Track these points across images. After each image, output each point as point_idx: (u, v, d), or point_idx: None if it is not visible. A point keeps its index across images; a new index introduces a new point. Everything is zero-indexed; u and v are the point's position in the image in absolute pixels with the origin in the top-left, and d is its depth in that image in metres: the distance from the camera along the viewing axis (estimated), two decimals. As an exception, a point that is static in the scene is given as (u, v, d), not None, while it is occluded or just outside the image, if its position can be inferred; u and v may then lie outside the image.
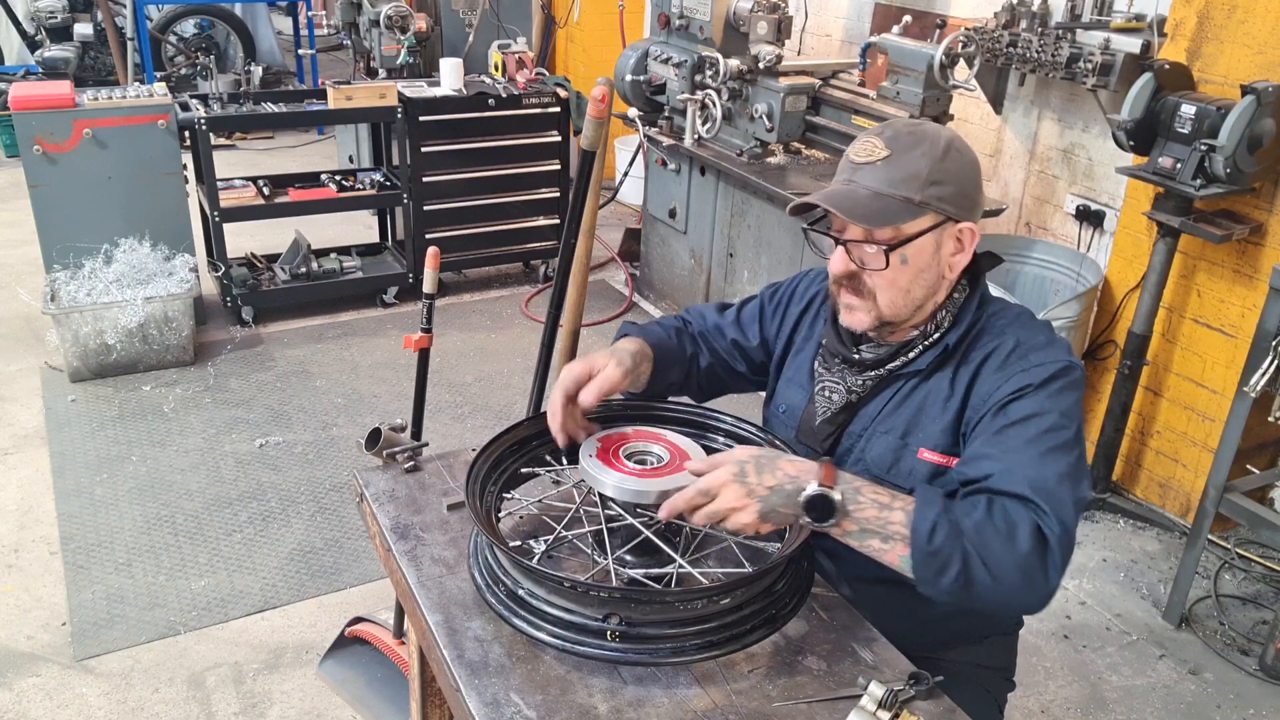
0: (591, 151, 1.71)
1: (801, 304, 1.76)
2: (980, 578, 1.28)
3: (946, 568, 1.28)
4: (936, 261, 1.49)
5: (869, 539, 1.32)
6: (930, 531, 1.28)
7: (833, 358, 1.63)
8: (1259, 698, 2.81)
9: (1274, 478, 3.27)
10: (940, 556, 1.28)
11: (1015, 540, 1.28)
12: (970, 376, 1.50)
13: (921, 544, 1.28)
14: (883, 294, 1.49)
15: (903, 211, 1.44)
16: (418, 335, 1.99)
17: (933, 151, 1.45)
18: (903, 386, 1.55)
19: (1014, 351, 1.48)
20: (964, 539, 1.28)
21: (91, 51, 7.43)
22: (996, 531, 1.29)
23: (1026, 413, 1.40)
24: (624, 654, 1.28)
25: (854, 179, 1.47)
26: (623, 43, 5.52)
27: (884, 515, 1.32)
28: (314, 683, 2.66)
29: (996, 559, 1.27)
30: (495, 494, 1.52)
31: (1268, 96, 2.89)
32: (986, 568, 1.27)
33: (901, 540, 1.30)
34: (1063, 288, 3.78)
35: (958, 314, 1.54)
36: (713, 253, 4.54)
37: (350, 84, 4.78)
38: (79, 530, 3.23)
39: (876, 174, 1.45)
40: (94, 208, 4.22)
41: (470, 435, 3.87)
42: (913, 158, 1.44)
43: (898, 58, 3.60)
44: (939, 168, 1.44)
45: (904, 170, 1.44)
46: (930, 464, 1.50)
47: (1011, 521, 1.29)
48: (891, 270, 1.47)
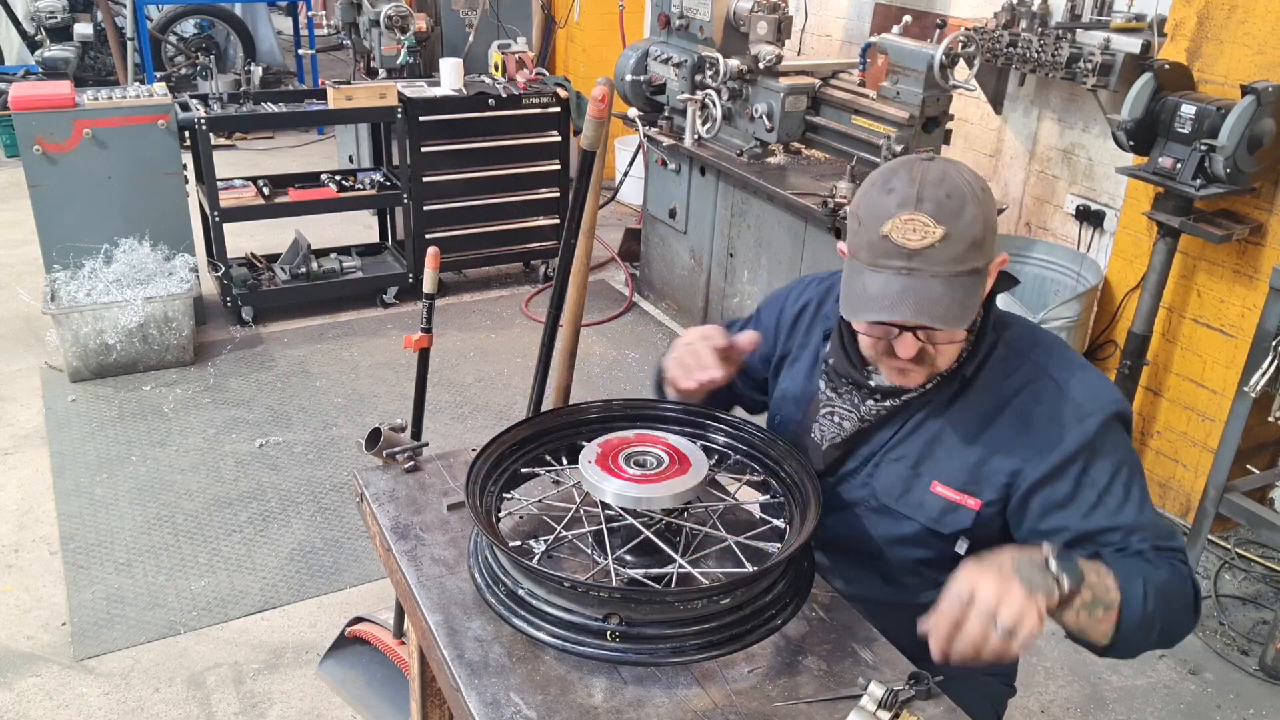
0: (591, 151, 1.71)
1: (796, 309, 1.72)
2: (1170, 633, 1.38)
3: (1150, 632, 1.35)
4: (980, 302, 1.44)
5: (1097, 608, 1.30)
6: (1144, 598, 1.32)
7: (840, 379, 1.58)
8: (1259, 698, 2.81)
9: (1274, 478, 3.27)
10: (1150, 621, 1.33)
11: (1187, 596, 1.39)
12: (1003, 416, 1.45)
13: (1137, 611, 1.32)
14: (944, 353, 1.44)
15: (976, 284, 1.37)
16: (418, 335, 1.99)
17: (978, 209, 1.35)
18: (915, 415, 1.51)
19: (1061, 398, 1.43)
20: (1165, 601, 1.34)
21: (91, 51, 7.43)
22: (1176, 586, 1.37)
23: (1109, 476, 1.41)
24: (624, 654, 1.28)
25: (914, 266, 1.33)
26: (623, 43, 5.52)
27: (1103, 580, 1.31)
28: (314, 683, 2.66)
29: (1180, 617, 1.39)
30: (495, 494, 1.52)
31: (1268, 96, 2.89)
32: (1176, 625, 1.39)
33: (1116, 607, 1.32)
34: (1063, 288, 3.78)
35: (975, 341, 1.49)
36: (713, 253, 4.54)
37: (350, 84, 4.78)
38: (79, 530, 3.23)
39: (939, 255, 1.32)
40: (94, 208, 4.22)
41: (470, 435, 3.87)
42: (966, 225, 1.33)
43: (898, 58, 3.60)
44: (987, 224, 1.36)
45: (964, 242, 1.33)
46: (943, 499, 1.47)
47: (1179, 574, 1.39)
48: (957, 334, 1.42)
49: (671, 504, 1.41)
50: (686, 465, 1.46)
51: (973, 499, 1.46)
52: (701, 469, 1.45)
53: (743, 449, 1.63)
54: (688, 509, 1.50)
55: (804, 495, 1.48)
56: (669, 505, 1.41)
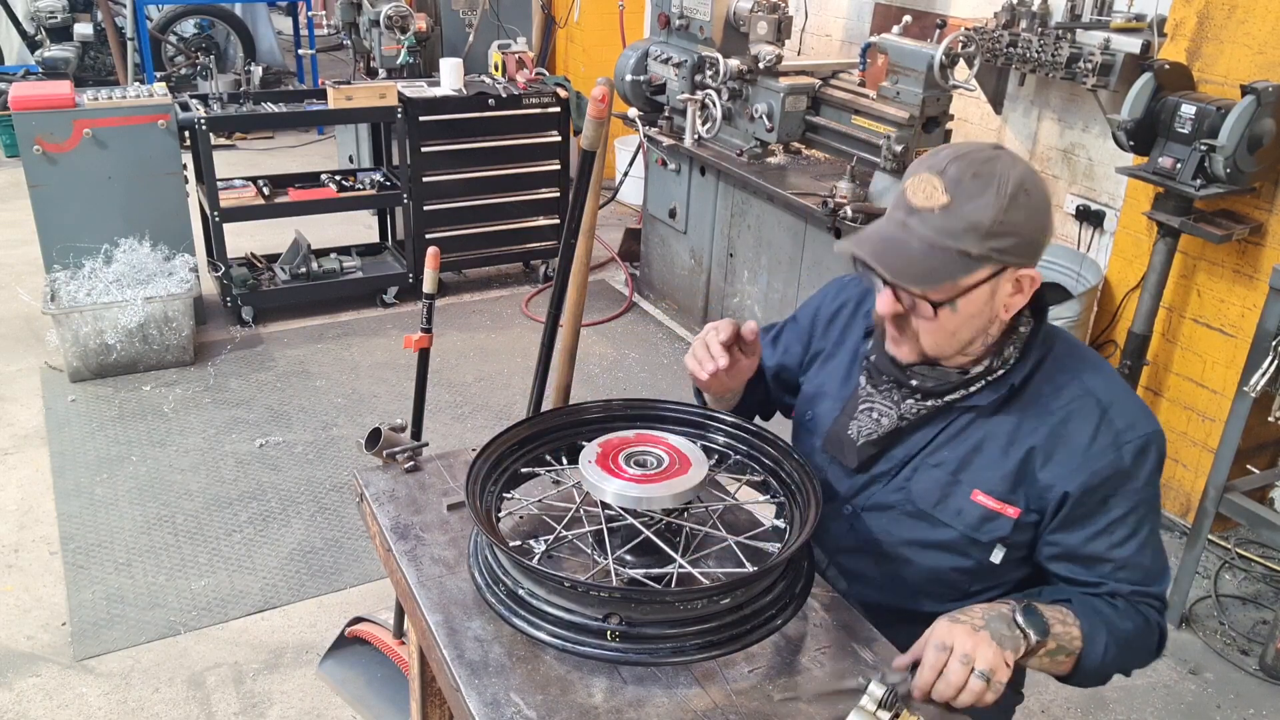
0: (591, 151, 1.70)
1: (834, 307, 1.72)
2: (1127, 671, 1.50)
3: (1106, 675, 1.45)
4: (990, 307, 1.40)
5: (1059, 655, 1.38)
6: (1104, 650, 1.41)
7: (881, 376, 1.55)
8: (1259, 698, 2.81)
9: (1274, 478, 3.27)
10: (1106, 668, 1.43)
11: (1150, 642, 1.48)
12: (1046, 433, 1.44)
13: (1095, 661, 1.41)
14: (926, 337, 1.43)
15: (957, 268, 1.34)
16: (418, 335, 1.98)
17: (999, 200, 1.31)
18: (957, 419, 1.49)
19: (1101, 424, 1.42)
20: (1125, 650, 1.43)
21: (91, 51, 7.43)
22: (1140, 636, 1.45)
23: (1125, 508, 1.43)
24: (624, 654, 1.28)
25: (908, 223, 1.35)
26: (623, 43, 5.52)
27: (1067, 630, 1.39)
28: (314, 683, 2.66)
29: (1139, 659, 1.50)
30: (495, 494, 1.52)
31: (1268, 96, 2.89)
32: (1134, 664, 1.50)
33: (1077, 653, 1.40)
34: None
35: (1023, 349, 1.47)
36: (713, 253, 4.54)
37: (350, 84, 4.78)
38: (79, 530, 3.23)
39: (932, 223, 1.33)
40: (94, 208, 4.22)
41: (470, 435, 3.87)
42: (975, 207, 1.31)
43: (898, 58, 3.60)
44: (1003, 219, 1.31)
45: (962, 221, 1.31)
46: (983, 508, 1.47)
47: (1148, 624, 1.46)
48: (940, 319, 1.40)
49: (671, 504, 1.41)
50: (686, 465, 1.46)
51: (1011, 508, 1.45)
52: (701, 469, 1.45)
53: (743, 449, 1.63)
54: (688, 509, 1.50)
55: (804, 495, 1.48)
56: (669, 505, 1.41)
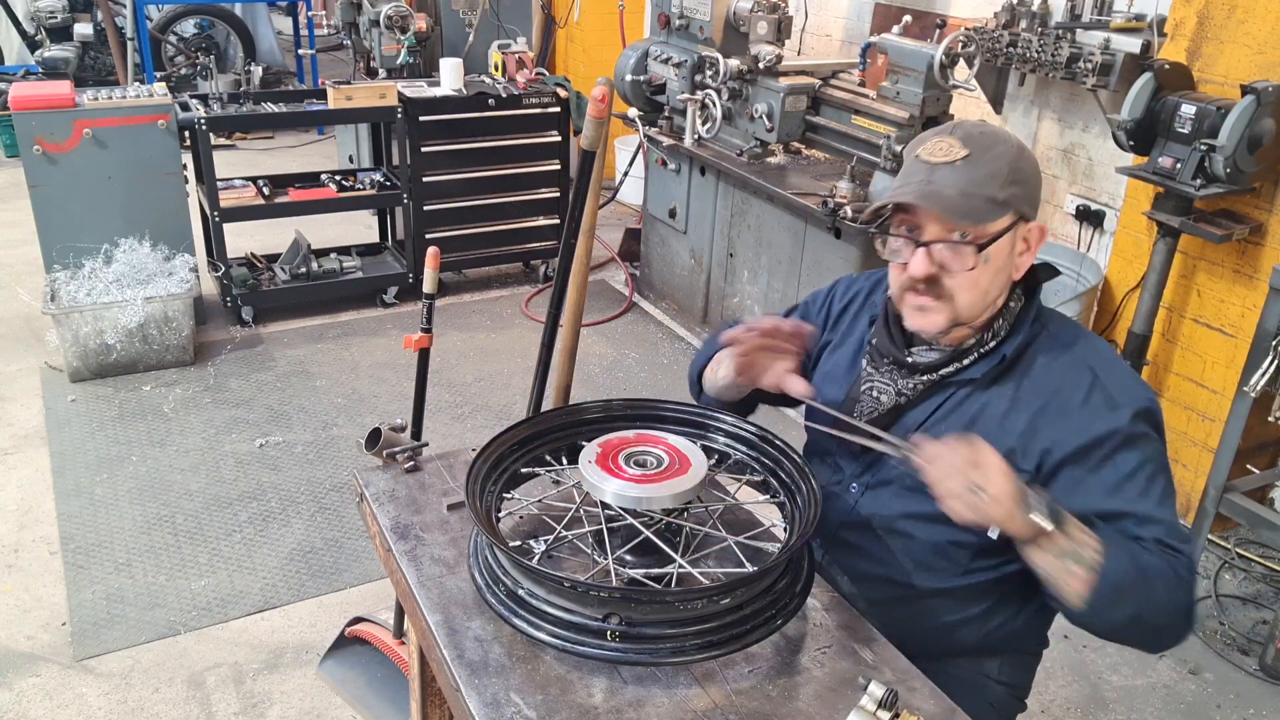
0: (591, 151, 1.70)
1: (844, 302, 1.75)
2: (1149, 621, 1.36)
3: (1122, 605, 1.34)
4: (1009, 262, 1.48)
5: (1069, 560, 1.33)
6: (1123, 569, 1.33)
7: (882, 358, 1.60)
8: (1259, 698, 2.81)
9: (1274, 478, 3.27)
10: (1123, 593, 1.33)
11: (1176, 594, 1.36)
12: (1041, 403, 1.47)
13: (1113, 576, 1.32)
14: (963, 295, 1.47)
15: (990, 211, 1.42)
16: (418, 335, 1.98)
17: (1008, 151, 1.44)
18: (954, 394, 1.53)
19: (1095, 387, 1.46)
20: (1146, 582, 1.33)
21: (91, 51, 7.43)
22: (1165, 582, 1.35)
23: (1136, 463, 1.42)
24: (624, 654, 1.28)
25: (933, 178, 1.43)
26: (623, 43, 5.52)
27: (1086, 538, 1.34)
28: (314, 683, 2.66)
29: (1162, 608, 1.35)
30: (495, 494, 1.52)
31: (1268, 96, 2.89)
32: (1156, 614, 1.35)
33: (1095, 570, 1.33)
34: (1063, 288, 3.78)
35: (1014, 323, 1.52)
36: (713, 253, 4.54)
37: (350, 84, 4.78)
38: (79, 530, 3.23)
39: (959, 173, 1.42)
40: (94, 208, 4.22)
41: (470, 435, 3.87)
42: (993, 156, 1.43)
43: (898, 58, 3.60)
44: (1016, 167, 1.43)
45: (987, 169, 1.42)
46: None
47: (1175, 572, 1.36)
48: (975, 271, 1.45)
49: (671, 504, 1.41)
50: (686, 465, 1.46)
51: None
52: (701, 469, 1.45)
53: (743, 449, 1.63)
54: (688, 509, 1.50)
55: (804, 495, 1.48)
56: (669, 505, 1.41)
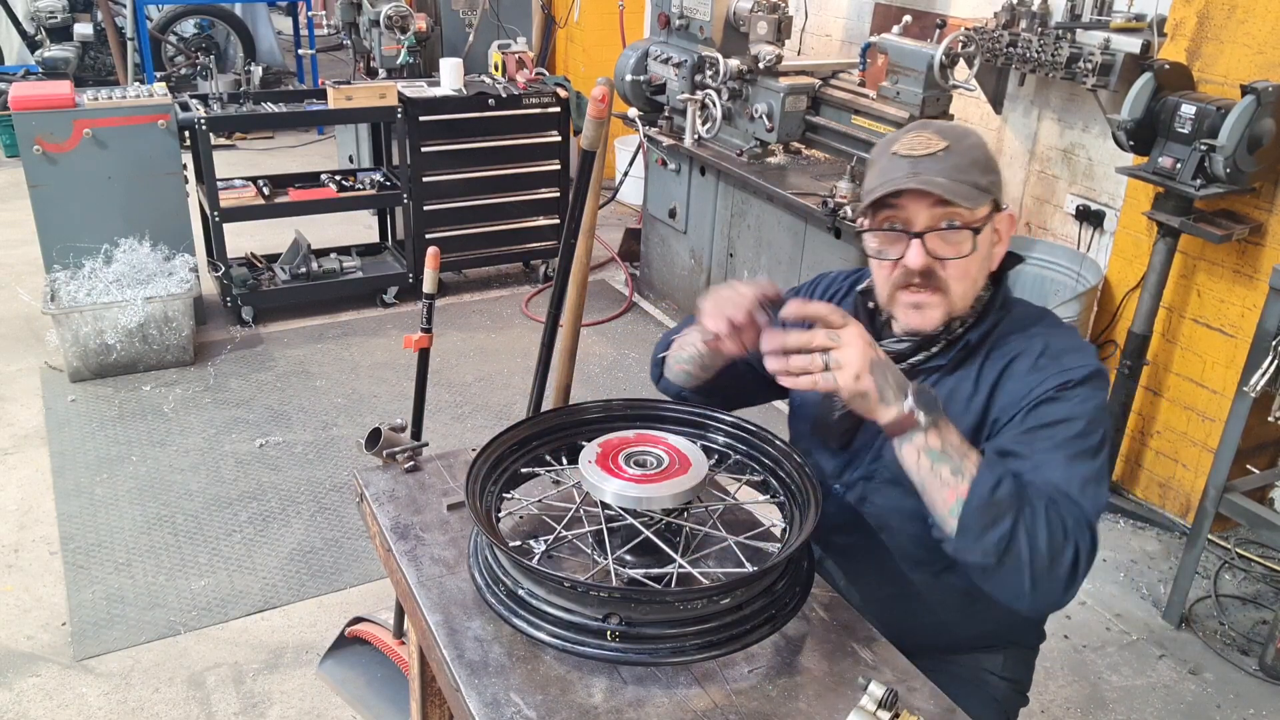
0: (591, 151, 1.70)
1: (824, 299, 1.75)
2: (1017, 553, 1.29)
3: (995, 525, 1.29)
4: (989, 252, 1.50)
5: (942, 464, 1.32)
6: (996, 483, 1.30)
7: None
8: (1259, 698, 2.81)
9: (1274, 478, 3.27)
10: (995, 511, 1.29)
11: (1063, 549, 1.30)
12: (996, 375, 1.49)
13: (984, 490, 1.29)
14: (957, 285, 1.48)
15: (977, 196, 1.45)
16: (418, 335, 1.98)
17: (981, 142, 1.49)
18: (924, 380, 1.54)
19: (1044, 353, 1.47)
20: (1024, 506, 1.29)
21: (91, 51, 7.43)
22: (1049, 524, 1.30)
23: (1057, 416, 1.40)
24: (624, 654, 1.28)
25: (918, 170, 1.44)
26: (623, 43, 5.52)
27: (964, 449, 1.33)
28: (314, 683, 2.66)
29: (1039, 548, 1.29)
30: (495, 494, 1.52)
31: (1268, 96, 2.89)
32: (1028, 548, 1.28)
33: (967, 480, 1.30)
34: (1063, 288, 3.78)
35: (981, 311, 1.54)
36: (713, 253, 4.54)
37: (350, 84, 4.78)
38: (79, 530, 3.23)
39: (942, 163, 1.44)
40: (94, 208, 4.22)
41: (470, 435, 3.87)
42: (969, 145, 1.46)
43: (898, 58, 3.60)
44: (990, 156, 1.48)
45: (967, 157, 1.45)
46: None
47: (1063, 524, 1.31)
48: (965, 260, 1.46)
49: (671, 504, 1.41)
50: (686, 465, 1.46)
51: None
52: (701, 469, 1.45)
53: (743, 449, 1.63)
54: (688, 509, 1.50)
55: (804, 495, 1.48)
56: (669, 505, 1.41)
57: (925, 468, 1.33)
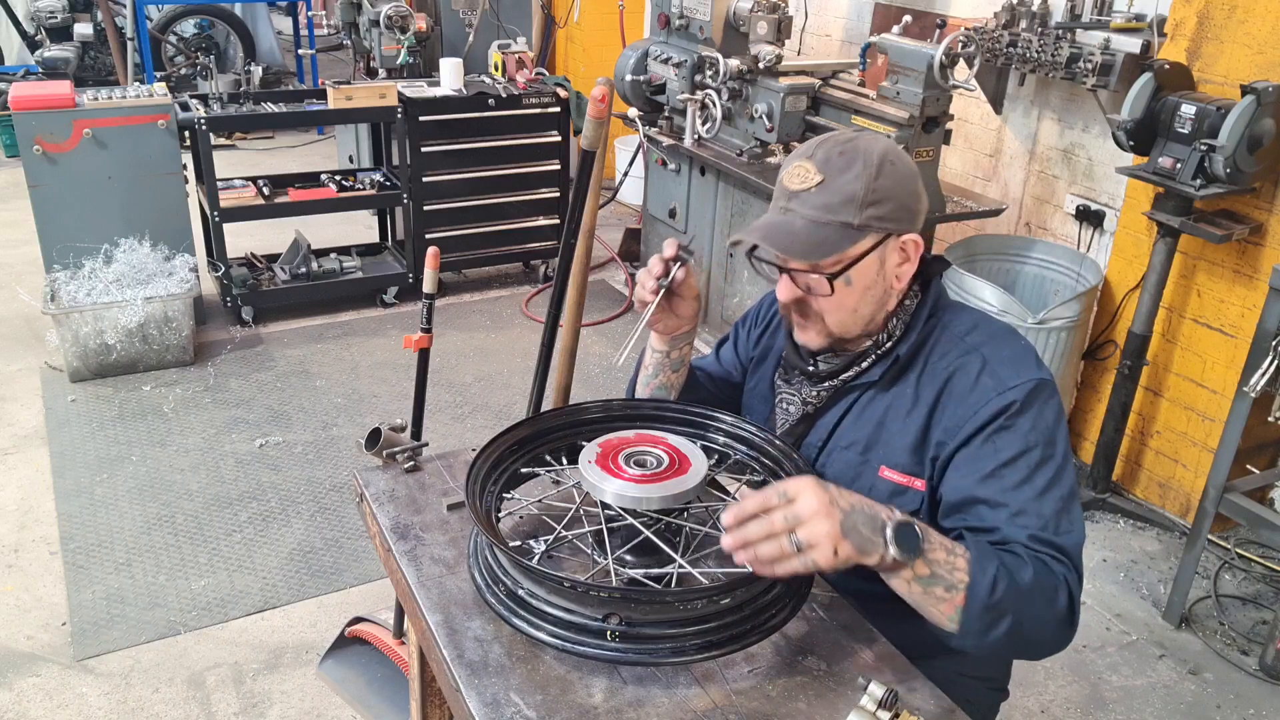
0: (591, 151, 1.70)
1: (766, 319, 1.78)
2: (1028, 635, 1.31)
3: (998, 624, 1.28)
4: (882, 277, 1.47)
5: (935, 586, 1.27)
6: (992, 586, 1.27)
7: (791, 370, 1.63)
8: (1259, 698, 2.81)
9: (1274, 478, 3.27)
10: (997, 611, 1.28)
11: (1055, 599, 1.31)
12: (936, 394, 1.47)
13: (983, 596, 1.26)
14: (830, 316, 1.48)
15: (842, 239, 1.41)
16: (418, 335, 1.98)
17: (866, 171, 1.41)
18: (859, 398, 1.54)
19: (982, 372, 1.44)
20: (1019, 596, 1.28)
21: (91, 51, 7.42)
22: (1042, 591, 1.30)
23: (1014, 451, 1.38)
24: (624, 654, 1.28)
25: (790, 207, 1.43)
26: (623, 43, 5.52)
27: (951, 560, 1.28)
28: (314, 683, 2.66)
29: (1040, 617, 1.31)
30: (495, 494, 1.52)
31: (1268, 96, 2.89)
32: (1034, 626, 1.30)
33: (962, 590, 1.27)
34: (1063, 288, 3.78)
35: (910, 322, 1.52)
36: (713, 253, 4.54)
37: (350, 84, 4.78)
38: (79, 530, 3.23)
39: (811, 201, 1.42)
40: (94, 208, 4.22)
41: (470, 435, 3.87)
42: (846, 180, 1.41)
43: (898, 58, 3.60)
44: (874, 187, 1.41)
45: (839, 194, 1.41)
46: (891, 483, 1.49)
47: (1052, 581, 1.31)
48: (837, 294, 1.45)
49: (671, 504, 1.41)
50: (686, 465, 1.46)
51: (919, 480, 1.48)
52: (701, 469, 1.45)
53: (742, 449, 1.63)
54: (688, 509, 1.50)
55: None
56: (669, 505, 1.41)
57: (918, 593, 1.29)
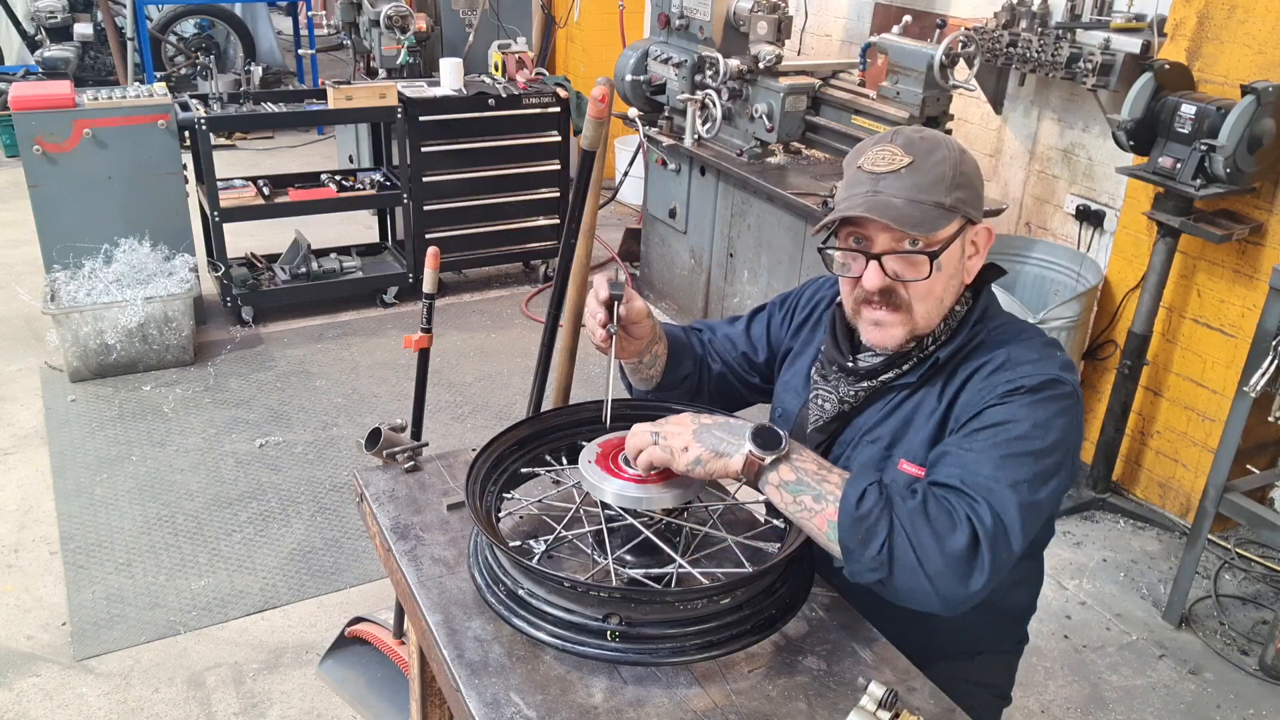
0: (591, 151, 1.70)
1: (806, 311, 1.75)
2: (903, 557, 1.26)
3: (871, 537, 1.27)
4: (960, 267, 1.48)
5: (803, 493, 1.31)
6: (860, 496, 1.28)
7: (829, 365, 1.61)
8: (1259, 698, 2.81)
9: (1274, 478, 3.27)
10: (866, 523, 1.27)
11: (949, 533, 1.27)
12: (956, 390, 1.47)
13: (850, 507, 1.27)
14: (920, 304, 1.46)
15: (939, 217, 1.41)
16: (418, 335, 1.98)
17: (950, 155, 1.43)
18: (894, 398, 1.53)
19: (1002, 365, 1.45)
20: (894, 513, 1.28)
21: (91, 51, 7.43)
22: (929, 518, 1.28)
23: (996, 419, 1.38)
24: (624, 654, 1.28)
25: (879, 189, 1.42)
26: (623, 43, 5.52)
27: (822, 473, 1.32)
28: (314, 683, 2.66)
29: (924, 544, 1.26)
30: (495, 494, 1.52)
31: (1268, 96, 2.89)
32: (913, 548, 1.26)
33: (834, 502, 1.29)
34: (1063, 288, 3.78)
35: (956, 327, 1.51)
36: (713, 253, 4.54)
37: (350, 84, 4.78)
38: (79, 530, 3.23)
39: (903, 181, 1.41)
40: (94, 208, 4.22)
41: (470, 435, 3.87)
42: (935, 161, 1.42)
43: (898, 58, 3.60)
44: (959, 171, 1.43)
45: (931, 175, 1.41)
46: (908, 476, 1.48)
47: (947, 513, 1.29)
48: (931, 279, 1.44)
49: (671, 504, 1.41)
50: None
51: None
52: (701, 469, 1.45)
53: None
54: (688, 509, 1.50)
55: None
56: (669, 505, 1.41)
57: (789, 501, 1.31)
